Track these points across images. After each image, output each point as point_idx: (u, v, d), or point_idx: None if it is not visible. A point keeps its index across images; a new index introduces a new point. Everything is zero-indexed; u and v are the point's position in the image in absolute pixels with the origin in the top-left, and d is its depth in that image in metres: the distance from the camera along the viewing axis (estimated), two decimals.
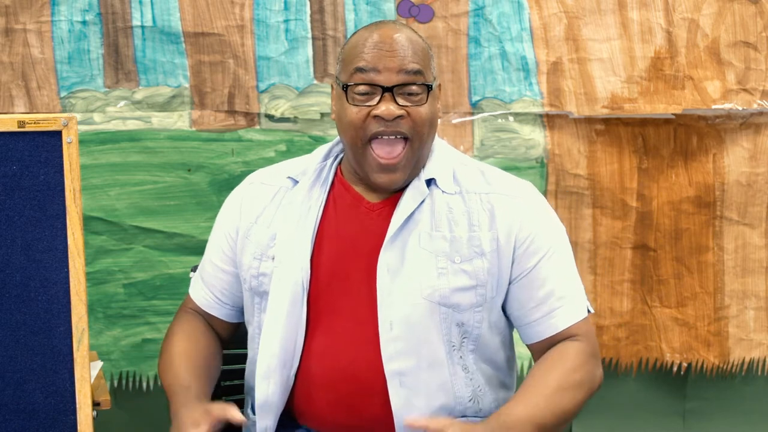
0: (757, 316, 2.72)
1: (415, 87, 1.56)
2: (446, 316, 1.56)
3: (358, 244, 1.60)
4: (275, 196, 1.68)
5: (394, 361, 1.54)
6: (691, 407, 2.74)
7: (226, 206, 1.75)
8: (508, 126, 2.58)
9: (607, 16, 2.56)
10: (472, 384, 1.60)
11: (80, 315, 1.45)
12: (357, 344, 1.57)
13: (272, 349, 1.58)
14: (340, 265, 1.60)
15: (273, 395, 1.58)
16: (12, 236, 1.43)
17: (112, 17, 2.41)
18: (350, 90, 1.57)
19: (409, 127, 1.56)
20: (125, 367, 2.51)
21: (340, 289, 1.59)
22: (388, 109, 1.54)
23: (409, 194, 1.60)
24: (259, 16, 2.46)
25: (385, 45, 1.56)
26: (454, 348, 1.58)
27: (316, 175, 1.66)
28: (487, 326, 1.60)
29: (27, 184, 1.43)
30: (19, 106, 2.39)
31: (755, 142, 2.64)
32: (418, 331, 1.55)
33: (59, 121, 1.42)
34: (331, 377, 1.57)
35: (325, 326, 1.59)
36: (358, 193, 1.64)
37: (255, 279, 1.64)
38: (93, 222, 2.44)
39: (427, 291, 1.56)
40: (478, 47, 2.54)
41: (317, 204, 1.63)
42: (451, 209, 1.60)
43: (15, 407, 1.45)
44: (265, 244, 1.63)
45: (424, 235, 1.58)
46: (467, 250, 1.58)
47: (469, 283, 1.57)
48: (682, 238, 2.67)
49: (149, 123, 2.45)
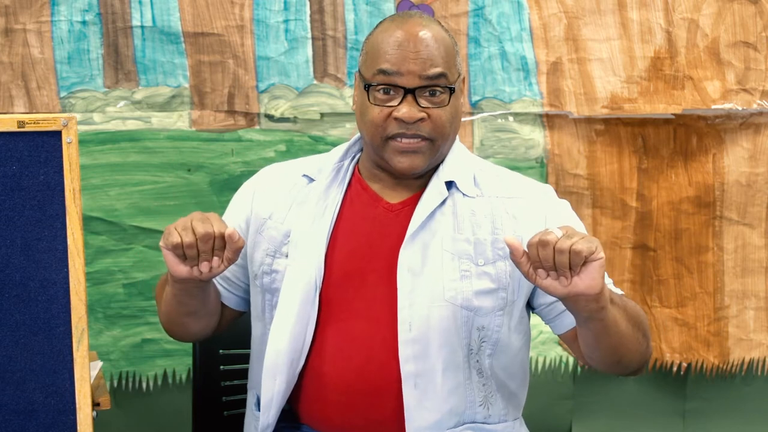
0: (757, 316, 2.72)
1: (437, 89, 1.55)
2: (467, 320, 1.55)
3: (375, 243, 1.59)
4: (290, 192, 1.66)
5: (410, 363, 1.53)
6: (691, 407, 2.74)
7: (238, 198, 1.74)
8: (508, 126, 2.58)
9: (606, 16, 2.56)
10: (485, 389, 1.59)
11: (80, 315, 1.45)
12: (371, 344, 1.55)
13: (280, 346, 1.57)
14: (355, 264, 1.59)
15: (278, 393, 1.57)
16: (12, 236, 1.42)
17: (111, 17, 2.41)
18: (372, 90, 1.56)
19: (429, 129, 1.55)
20: (125, 367, 2.51)
21: (355, 289, 1.58)
22: (409, 112, 1.53)
23: (429, 194, 1.59)
24: (258, 16, 2.46)
25: (409, 45, 1.54)
26: (472, 351, 1.57)
27: (333, 174, 1.65)
28: (506, 330, 1.59)
29: (27, 184, 1.42)
30: (18, 106, 2.39)
31: (755, 142, 2.64)
32: (437, 334, 1.54)
33: (59, 121, 1.42)
34: (343, 377, 1.56)
35: (337, 326, 1.58)
36: (376, 193, 1.63)
37: (267, 276, 1.62)
38: (93, 222, 2.44)
39: (450, 293, 1.54)
40: (478, 47, 2.54)
41: (334, 203, 1.62)
42: (474, 212, 1.59)
43: (15, 407, 1.45)
44: (279, 241, 1.62)
45: (446, 237, 1.57)
46: (491, 253, 1.57)
47: (492, 286, 1.56)
48: (681, 238, 2.67)
49: (149, 123, 2.45)
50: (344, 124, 2.52)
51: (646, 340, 1.56)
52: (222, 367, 1.91)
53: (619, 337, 1.48)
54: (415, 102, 1.54)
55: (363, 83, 1.59)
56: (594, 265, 1.34)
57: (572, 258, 1.32)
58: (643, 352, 1.55)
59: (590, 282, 1.34)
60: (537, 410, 2.55)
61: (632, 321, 1.51)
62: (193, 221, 1.45)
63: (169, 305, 1.62)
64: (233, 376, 1.90)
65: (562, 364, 2.68)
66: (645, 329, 1.55)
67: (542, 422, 2.63)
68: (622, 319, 1.47)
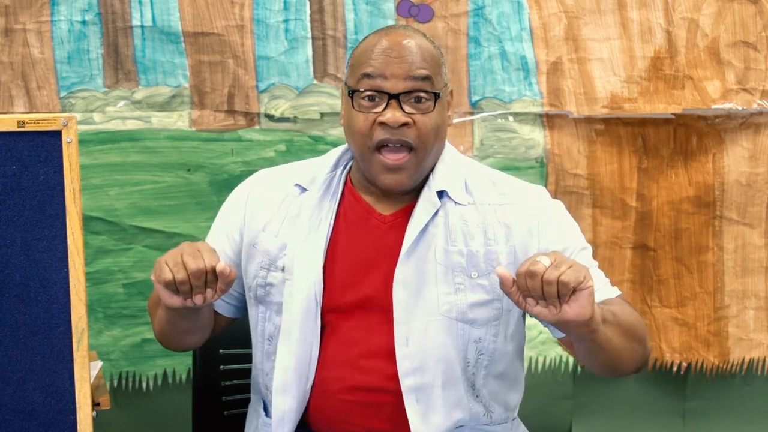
0: (757, 315, 2.72)
1: (422, 94, 1.54)
2: (463, 332, 1.56)
3: (371, 257, 1.59)
4: (282, 203, 1.65)
5: (410, 377, 1.53)
6: (691, 407, 2.74)
7: (230, 206, 1.72)
8: (508, 126, 2.57)
9: (606, 16, 2.56)
10: (481, 400, 1.59)
11: (80, 315, 1.45)
12: (370, 357, 1.56)
13: (288, 363, 1.57)
14: (352, 278, 1.59)
15: (291, 410, 1.58)
16: (12, 236, 1.42)
17: (111, 17, 2.41)
18: (357, 96, 1.55)
19: (414, 137, 1.54)
20: (125, 367, 2.51)
21: (354, 303, 1.58)
22: (393, 116, 1.52)
23: (421, 206, 1.58)
24: (258, 16, 2.46)
25: (393, 51, 1.54)
26: (469, 364, 1.57)
27: (325, 187, 1.63)
28: (502, 339, 1.59)
29: (27, 184, 1.42)
30: (18, 106, 2.39)
31: (755, 142, 2.64)
32: (434, 348, 1.54)
33: (59, 121, 1.42)
34: (347, 389, 1.56)
35: (338, 337, 1.58)
36: (369, 204, 1.62)
37: (262, 288, 1.62)
38: (93, 222, 2.44)
39: (444, 307, 1.55)
40: (478, 47, 2.54)
41: (327, 217, 1.61)
42: (466, 222, 1.59)
43: (15, 407, 1.45)
44: (273, 254, 1.61)
45: (439, 249, 1.56)
46: (484, 265, 1.56)
47: (487, 297, 1.56)
48: (681, 238, 2.67)
49: (149, 123, 2.45)
50: None
51: (643, 347, 1.56)
52: (222, 367, 1.91)
53: (613, 352, 1.49)
54: (400, 107, 1.53)
55: (348, 91, 1.58)
56: (583, 294, 1.35)
57: (560, 289, 1.33)
58: (638, 359, 1.56)
59: (579, 310, 1.36)
60: (537, 410, 2.55)
61: (627, 334, 1.51)
62: (184, 256, 1.42)
63: (162, 324, 1.63)
64: (233, 376, 1.90)
65: (562, 364, 2.68)
66: (641, 336, 1.56)
67: (542, 422, 2.63)
68: (616, 335, 1.48)
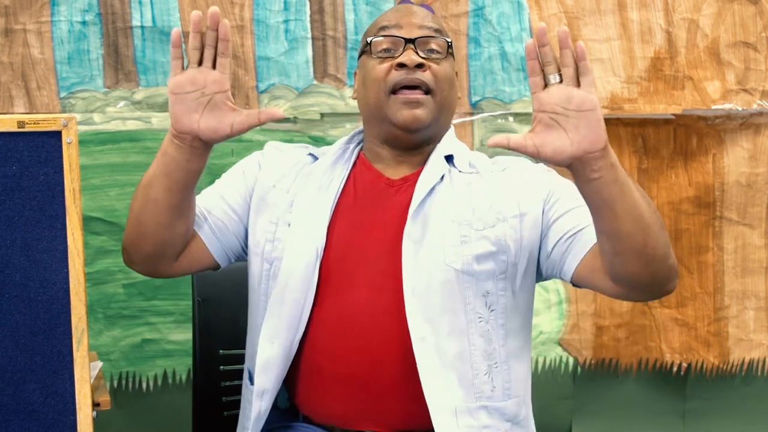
0: (757, 316, 2.72)
1: (435, 44, 1.65)
2: (470, 285, 1.57)
3: (378, 217, 1.62)
4: (295, 165, 1.71)
5: (419, 326, 1.54)
6: (691, 407, 2.74)
7: (245, 163, 1.75)
8: (508, 126, 2.58)
9: (606, 17, 2.57)
10: (489, 359, 1.58)
11: (80, 315, 1.45)
12: (373, 312, 1.57)
13: (279, 311, 1.58)
14: (357, 237, 1.61)
15: (276, 357, 1.58)
16: (12, 236, 1.42)
17: (111, 17, 2.41)
18: (374, 45, 1.65)
19: (430, 79, 1.62)
20: (125, 368, 2.51)
21: (356, 261, 1.60)
22: (409, 57, 1.61)
23: (430, 168, 1.64)
24: (258, 17, 2.46)
25: (405, 10, 1.68)
26: (481, 320, 1.57)
27: (339, 153, 1.70)
28: (511, 295, 1.60)
29: (27, 185, 1.42)
30: (18, 106, 2.39)
31: (755, 142, 2.64)
32: (439, 299, 1.55)
33: (59, 122, 1.42)
34: (342, 346, 1.57)
35: (336, 297, 1.59)
36: (379, 171, 1.68)
37: (270, 243, 1.64)
38: (93, 222, 2.44)
39: (450, 258, 1.57)
40: (478, 47, 2.54)
41: (339, 177, 1.66)
42: (470, 183, 1.64)
43: (14, 408, 1.45)
44: (282, 210, 1.65)
45: (446, 204, 1.60)
46: (489, 217, 1.60)
47: (492, 249, 1.58)
48: (681, 238, 2.67)
49: (149, 123, 2.45)
50: (344, 124, 2.52)
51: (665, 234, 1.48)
52: (222, 367, 1.91)
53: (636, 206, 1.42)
54: (415, 52, 1.62)
55: (364, 46, 1.68)
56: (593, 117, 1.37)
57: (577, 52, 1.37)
58: (666, 241, 1.47)
59: (593, 137, 1.37)
60: (537, 410, 2.54)
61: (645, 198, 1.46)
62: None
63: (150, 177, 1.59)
64: (233, 376, 1.90)
65: (562, 364, 2.68)
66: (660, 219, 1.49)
67: (542, 422, 2.63)
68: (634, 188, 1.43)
